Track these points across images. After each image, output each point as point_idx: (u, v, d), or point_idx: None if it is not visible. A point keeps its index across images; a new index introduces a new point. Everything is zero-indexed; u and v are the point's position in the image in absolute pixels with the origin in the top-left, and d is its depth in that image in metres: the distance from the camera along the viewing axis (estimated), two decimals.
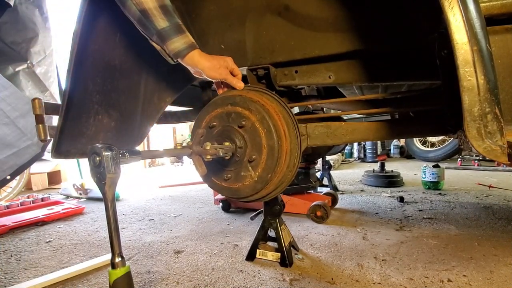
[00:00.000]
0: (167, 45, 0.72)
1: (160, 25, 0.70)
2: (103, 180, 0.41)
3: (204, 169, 0.69)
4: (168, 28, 0.71)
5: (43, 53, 2.11)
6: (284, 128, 0.81)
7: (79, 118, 0.92)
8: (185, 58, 0.75)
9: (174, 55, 0.73)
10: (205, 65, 0.77)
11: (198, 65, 0.76)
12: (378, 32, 0.77)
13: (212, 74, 0.78)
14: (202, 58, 0.76)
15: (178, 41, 0.72)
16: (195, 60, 0.76)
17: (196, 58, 0.76)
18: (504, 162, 0.51)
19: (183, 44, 0.73)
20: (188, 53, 0.74)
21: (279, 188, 0.89)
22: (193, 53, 0.75)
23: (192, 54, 0.75)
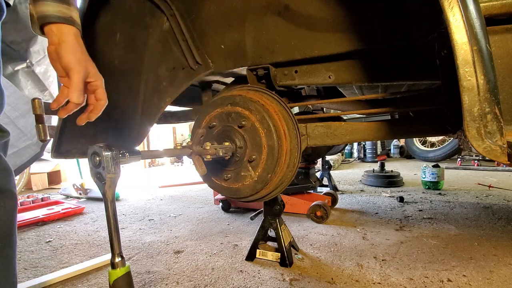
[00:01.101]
0: (36, 5, 0.57)
1: None
2: (103, 180, 0.41)
3: (204, 169, 0.69)
4: None
5: (43, 53, 2.10)
6: (284, 128, 0.81)
7: None
8: (51, 27, 0.58)
9: (39, 18, 0.58)
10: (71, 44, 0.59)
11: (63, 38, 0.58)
12: (378, 32, 0.77)
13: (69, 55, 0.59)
14: (74, 39, 0.60)
15: (52, 6, 0.58)
16: (62, 34, 0.58)
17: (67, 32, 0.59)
18: (504, 162, 0.51)
19: (56, 12, 0.58)
20: (57, 22, 0.58)
21: (279, 188, 0.89)
22: (66, 26, 0.59)
23: (64, 27, 0.59)
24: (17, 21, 1.98)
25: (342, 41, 0.80)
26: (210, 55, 0.96)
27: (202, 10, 0.94)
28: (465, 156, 4.09)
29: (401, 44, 0.76)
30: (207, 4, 0.93)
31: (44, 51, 2.12)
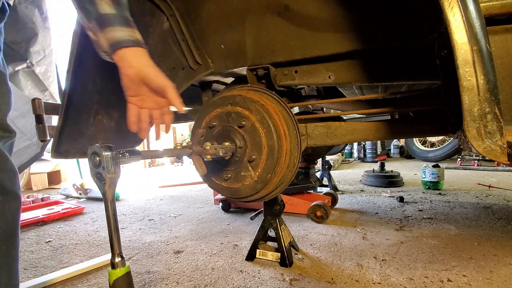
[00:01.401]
0: (105, 32, 0.58)
1: (104, 9, 0.58)
2: (103, 180, 0.41)
3: (204, 169, 0.69)
4: (112, 15, 0.59)
5: (43, 53, 2.10)
6: (284, 128, 0.81)
7: (79, 118, 0.92)
8: (126, 51, 0.59)
9: (113, 44, 0.59)
10: (151, 64, 0.62)
11: (142, 60, 0.61)
12: (378, 32, 0.77)
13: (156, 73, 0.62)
14: (149, 59, 0.63)
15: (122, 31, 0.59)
16: (139, 56, 0.61)
17: (142, 55, 0.62)
18: (504, 162, 0.51)
19: (128, 36, 0.60)
20: (130, 46, 0.60)
21: (279, 188, 0.89)
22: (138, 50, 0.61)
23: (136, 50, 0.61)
24: (17, 21, 1.98)
25: (342, 41, 0.80)
26: (210, 55, 0.96)
27: (202, 10, 0.94)
28: (465, 156, 4.09)
29: (401, 44, 0.76)
30: (207, 4, 0.93)
31: (44, 51, 2.12)
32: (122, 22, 0.60)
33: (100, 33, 0.59)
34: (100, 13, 0.58)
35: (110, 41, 0.59)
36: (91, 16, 0.59)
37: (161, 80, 0.62)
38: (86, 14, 0.60)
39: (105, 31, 0.59)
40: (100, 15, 0.59)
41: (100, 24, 0.59)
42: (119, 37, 0.59)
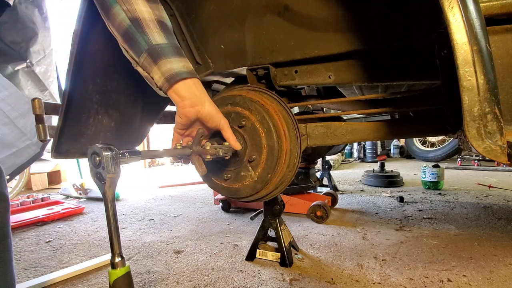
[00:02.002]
0: (159, 65, 0.55)
1: (155, 40, 0.55)
2: (103, 180, 0.41)
3: (204, 169, 0.69)
4: (165, 45, 0.56)
5: (43, 53, 2.10)
6: (284, 128, 0.81)
7: (79, 118, 0.92)
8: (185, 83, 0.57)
9: (169, 77, 0.55)
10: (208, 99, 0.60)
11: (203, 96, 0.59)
12: (378, 32, 0.77)
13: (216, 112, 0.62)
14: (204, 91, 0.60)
15: (177, 62, 0.56)
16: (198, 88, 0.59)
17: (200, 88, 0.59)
18: (504, 162, 0.51)
19: (183, 68, 0.57)
20: (187, 78, 0.57)
21: (279, 188, 0.89)
22: (196, 80, 0.59)
23: (194, 81, 0.58)
24: (17, 21, 1.98)
25: (342, 41, 0.80)
26: (210, 55, 0.96)
27: (202, 10, 0.94)
28: (465, 156, 4.09)
29: (401, 44, 0.76)
30: (207, 4, 0.93)
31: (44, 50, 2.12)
32: (175, 53, 0.57)
33: (154, 66, 0.55)
34: (152, 44, 0.55)
35: (166, 74, 0.55)
36: (141, 49, 0.55)
37: (218, 120, 0.62)
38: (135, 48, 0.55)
39: (160, 64, 0.55)
40: (152, 46, 0.55)
41: (153, 56, 0.55)
42: (175, 69, 0.55)
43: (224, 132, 0.65)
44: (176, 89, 0.57)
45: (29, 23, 2.00)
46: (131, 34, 0.54)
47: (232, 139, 0.66)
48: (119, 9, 0.54)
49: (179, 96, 0.57)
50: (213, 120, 0.62)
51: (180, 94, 0.57)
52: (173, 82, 0.56)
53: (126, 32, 0.55)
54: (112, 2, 0.54)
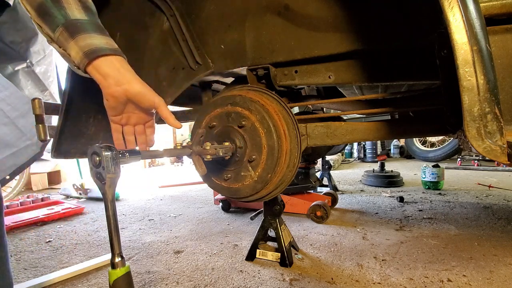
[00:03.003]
0: (77, 40, 0.50)
1: (74, 15, 0.50)
2: (103, 180, 0.41)
3: (204, 169, 0.69)
4: (85, 21, 0.51)
5: (43, 53, 2.11)
6: (284, 128, 0.81)
7: (79, 118, 0.92)
8: (106, 59, 0.51)
9: (88, 53, 0.50)
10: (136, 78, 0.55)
11: (128, 74, 0.53)
12: (378, 32, 0.77)
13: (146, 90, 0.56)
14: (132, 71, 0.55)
15: (98, 38, 0.51)
16: (122, 66, 0.53)
17: (125, 66, 0.54)
18: (504, 162, 0.51)
19: (105, 44, 0.52)
20: (109, 54, 0.52)
21: (279, 188, 0.89)
22: (119, 58, 0.53)
23: (117, 58, 0.53)
24: (17, 21, 1.98)
25: (342, 41, 0.80)
26: (210, 55, 0.96)
27: (202, 10, 0.94)
28: (465, 156, 4.09)
29: (401, 44, 0.76)
30: (207, 4, 0.93)
31: (44, 50, 2.12)
32: (97, 29, 0.52)
33: (71, 41, 0.50)
34: (70, 19, 0.50)
35: (85, 49, 0.50)
36: (57, 22, 0.50)
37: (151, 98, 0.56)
38: (51, 21, 0.50)
39: (77, 38, 0.50)
40: (71, 20, 0.50)
41: (70, 30, 0.50)
42: (96, 44, 0.50)
43: (161, 111, 0.58)
44: (97, 65, 0.51)
45: (29, 23, 2.00)
46: (47, 8, 0.50)
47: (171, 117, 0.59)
48: None
49: (101, 74, 0.52)
50: (146, 98, 0.55)
51: (102, 71, 0.52)
52: (93, 57, 0.50)
53: (41, 5, 0.50)
54: None
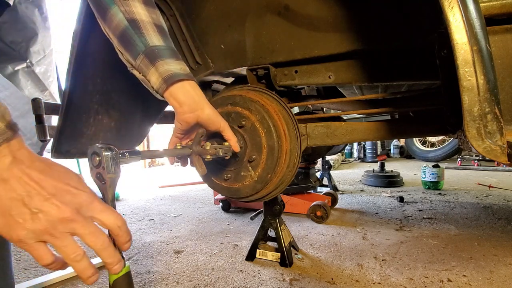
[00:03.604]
0: (157, 66, 0.54)
1: (153, 41, 0.54)
2: (103, 181, 0.41)
3: (204, 169, 0.69)
4: (163, 47, 0.55)
5: (43, 53, 2.10)
6: (284, 128, 0.81)
7: (79, 118, 0.92)
8: (182, 85, 0.56)
9: (167, 78, 0.54)
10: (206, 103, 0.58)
11: (201, 100, 0.57)
12: (378, 32, 0.77)
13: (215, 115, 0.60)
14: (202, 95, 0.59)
15: (174, 63, 0.55)
16: (196, 91, 0.57)
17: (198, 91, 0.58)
18: (504, 162, 0.51)
19: (180, 70, 0.56)
20: (183, 79, 0.55)
21: (279, 188, 0.89)
22: (193, 83, 0.57)
23: (191, 83, 0.57)
24: (17, 21, 1.98)
25: (342, 41, 0.80)
26: (210, 55, 0.96)
27: (202, 10, 0.94)
28: (465, 156, 4.09)
29: (401, 44, 0.76)
30: (207, 4, 0.93)
31: (44, 50, 2.12)
32: (173, 55, 0.56)
33: (151, 67, 0.54)
34: (150, 46, 0.54)
35: (164, 75, 0.54)
36: (139, 50, 0.54)
37: (218, 123, 0.60)
38: (131, 49, 0.54)
39: (157, 65, 0.54)
40: (149, 48, 0.54)
41: (150, 57, 0.54)
42: (172, 70, 0.54)
43: (225, 134, 0.63)
44: (174, 92, 0.56)
45: (29, 23, 2.00)
46: (128, 36, 0.54)
47: (233, 140, 0.65)
48: (117, 10, 0.53)
49: (177, 102, 0.56)
50: (214, 124, 0.60)
51: (178, 99, 0.56)
52: (170, 83, 0.54)
53: (123, 34, 0.54)
54: (110, 2, 0.53)
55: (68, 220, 0.31)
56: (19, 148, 0.32)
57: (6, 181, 0.29)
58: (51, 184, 0.31)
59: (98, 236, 0.32)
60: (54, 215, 0.30)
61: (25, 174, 0.30)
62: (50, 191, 0.31)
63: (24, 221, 0.29)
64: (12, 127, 0.31)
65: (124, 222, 0.35)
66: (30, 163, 0.31)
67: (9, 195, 0.29)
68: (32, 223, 0.29)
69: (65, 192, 0.32)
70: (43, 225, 0.30)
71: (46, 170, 0.32)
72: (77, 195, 0.32)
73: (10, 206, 0.29)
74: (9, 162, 0.30)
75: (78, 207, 0.32)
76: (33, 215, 0.29)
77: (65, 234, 0.31)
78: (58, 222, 0.30)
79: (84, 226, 0.31)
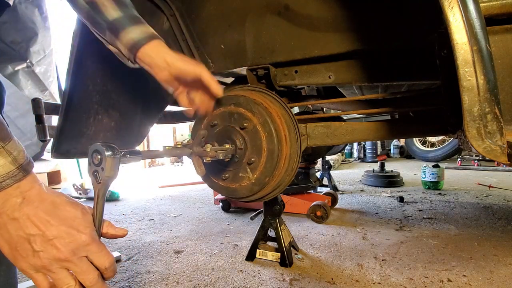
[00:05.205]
0: (121, 38, 0.56)
1: (111, 15, 0.56)
2: (98, 180, 0.42)
3: (203, 170, 0.69)
4: (121, 17, 0.57)
5: (43, 53, 2.10)
6: (285, 132, 0.81)
7: (79, 118, 0.92)
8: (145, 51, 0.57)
9: (131, 47, 0.57)
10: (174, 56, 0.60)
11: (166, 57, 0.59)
12: (378, 32, 0.77)
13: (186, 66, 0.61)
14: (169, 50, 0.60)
15: (134, 30, 0.57)
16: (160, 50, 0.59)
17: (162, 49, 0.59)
18: (504, 162, 0.51)
19: (141, 34, 0.57)
20: (147, 42, 0.57)
21: (275, 190, 0.89)
22: (156, 42, 0.59)
23: (155, 44, 0.58)
24: (17, 21, 1.98)
25: (342, 41, 0.80)
26: (210, 55, 0.96)
27: (202, 10, 0.94)
28: (465, 156, 4.09)
29: (401, 44, 0.76)
30: (207, 4, 0.93)
31: (44, 50, 2.12)
32: (132, 21, 0.58)
33: (117, 41, 0.57)
34: (109, 21, 0.57)
35: (127, 45, 0.57)
36: (103, 27, 0.57)
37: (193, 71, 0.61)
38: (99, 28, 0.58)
39: (120, 37, 0.57)
40: (110, 22, 0.57)
41: (113, 32, 0.57)
42: (134, 38, 0.57)
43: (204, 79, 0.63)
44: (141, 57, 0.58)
45: (29, 23, 2.00)
46: (92, 16, 0.57)
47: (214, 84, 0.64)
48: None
49: (148, 65, 0.59)
50: (189, 73, 0.61)
51: (147, 62, 0.59)
52: (135, 51, 0.57)
53: (88, 15, 0.57)
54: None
55: (63, 260, 0.36)
56: (30, 188, 0.36)
57: (16, 220, 0.35)
58: (55, 227, 0.36)
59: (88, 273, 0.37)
60: (52, 255, 0.35)
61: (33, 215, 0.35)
62: (52, 233, 0.35)
63: (27, 256, 0.35)
64: (25, 167, 0.37)
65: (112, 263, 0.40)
66: (38, 204, 0.36)
67: (17, 233, 0.35)
68: (33, 259, 0.35)
69: (66, 234, 0.36)
70: (42, 262, 0.35)
71: (53, 211, 0.37)
72: (76, 238, 0.37)
73: (18, 242, 0.35)
74: (19, 202, 0.35)
75: (75, 249, 0.36)
76: (35, 253, 0.35)
77: (60, 269, 0.36)
78: (54, 261, 0.35)
79: (77, 265, 0.36)
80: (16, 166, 0.35)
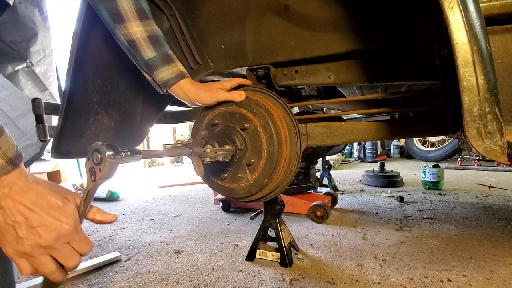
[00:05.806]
0: (155, 75, 0.70)
1: (147, 55, 0.68)
2: (93, 178, 0.42)
3: (202, 170, 0.69)
4: (155, 58, 0.68)
5: (43, 53, 2.10)
6: (286, 135, 0.81)
7: (79, 118, 0.92)
8: (173, 88, 0.71)
9: (162, 85, 0.71)
10: (196, 92, 0.72)
11: (189, 95, 0.72)
12: (378, 32, 0.77)
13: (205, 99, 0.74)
14: (193, 87, 0.72)
15: (165, 70, 0.69)
16: (185, 89, 0.71)
17: (187, 88, 0.71)
18: (504, 162, 0.51)
19: (171, 74, 0.70)
20: (175, 82, 0.70)
21: (274, 192, 0.88)
22: (182, 82, 0.71)
23: (181, 83, 0.71)
24: (17, 21, 1.98)
25: (342, 41, 0.80)
26: (210, 55, 0.96)
27: (202, 10, 0.94)
28: (465, 156, 4.09)
29: (401, 44, 0.76)
30: (207, 4, 0.93)
31: (44, 50, 2.12)
32: (164, 61, 0.69)
33: (151, 76, 0.70)
34: (145, 60, 0.68)
35: (159, 81, 0.70)
36: (140, 63, 0.69)
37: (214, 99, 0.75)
38: (137, 61, 0.70)
39: (154, 74, 0.69)
40: (146, 61, 0.68)
41: (148, 69, 0.69)
42: (164, 78, 0.69)
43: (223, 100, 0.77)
44: (173, 92, 0.72)
45: (29, 23, 2.00)
46: (131, 52, 0.69)
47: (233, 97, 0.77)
48: (118, 33, 0.66)
49: (179, 97, 0.73)
50: (208, 103, 0.76)
51: (179, 96, 0.73)
52: (165, 88, 0.71)
53: (128, 50, 0.69)
54: (113, 27, 0.66)
55: (46, 247, 0.38)
56: (17, 180, 0.39)
57: (3, 209, 0.37)
58: (37, 215, 0.38)
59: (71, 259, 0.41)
60: (35, 242, 0.37)
61: (19, 203, 0.38)
62: (36, 221, 0.37)
63: (11, 242, 0.38)
64: (13, 161, 0.39)
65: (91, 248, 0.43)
66: (24, 193, 0.38)
67: (4, 219, 0.37)
68: (17, 245, 0.38)
69: (49, 223, 0.38)
70: (25, 248, 0.37)
71: (37, 201, 0.38)
72: (58, 228, 0.39)
73: (4, 228, 0.38)
74: (6, 192, 0.38)
75: (57, 237, 0.38)
76: (19, 239, 0.37)
77: (43, 255, 0.39)
78: (37, 247, 0.38)
79: (59, 251, 0.39)
80: (5, 160, 0.38)
